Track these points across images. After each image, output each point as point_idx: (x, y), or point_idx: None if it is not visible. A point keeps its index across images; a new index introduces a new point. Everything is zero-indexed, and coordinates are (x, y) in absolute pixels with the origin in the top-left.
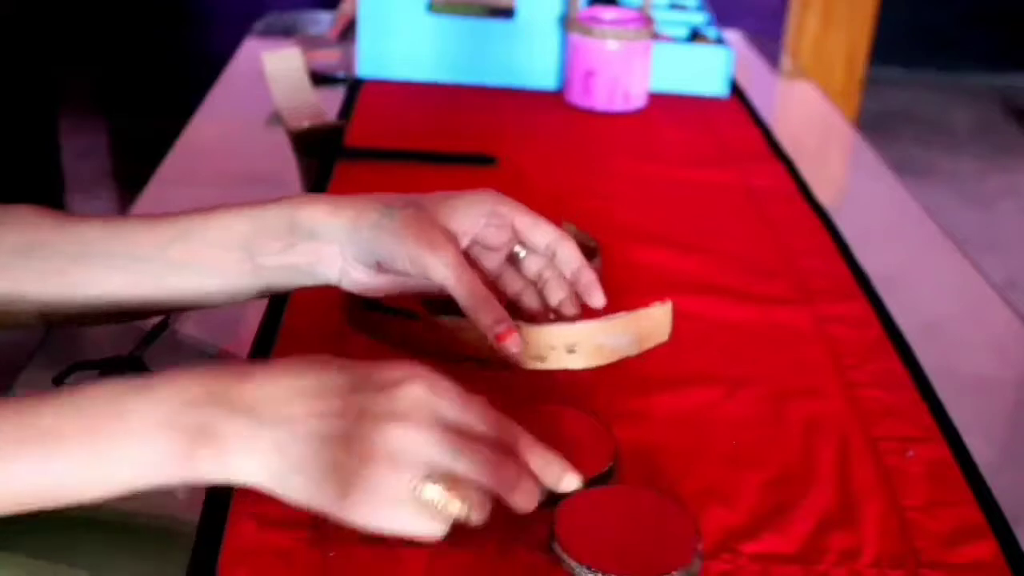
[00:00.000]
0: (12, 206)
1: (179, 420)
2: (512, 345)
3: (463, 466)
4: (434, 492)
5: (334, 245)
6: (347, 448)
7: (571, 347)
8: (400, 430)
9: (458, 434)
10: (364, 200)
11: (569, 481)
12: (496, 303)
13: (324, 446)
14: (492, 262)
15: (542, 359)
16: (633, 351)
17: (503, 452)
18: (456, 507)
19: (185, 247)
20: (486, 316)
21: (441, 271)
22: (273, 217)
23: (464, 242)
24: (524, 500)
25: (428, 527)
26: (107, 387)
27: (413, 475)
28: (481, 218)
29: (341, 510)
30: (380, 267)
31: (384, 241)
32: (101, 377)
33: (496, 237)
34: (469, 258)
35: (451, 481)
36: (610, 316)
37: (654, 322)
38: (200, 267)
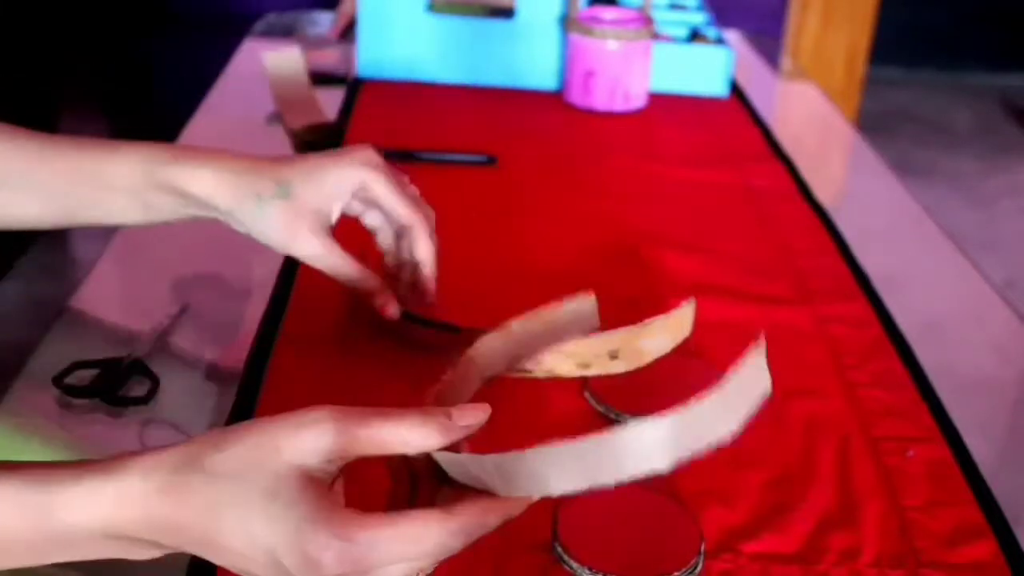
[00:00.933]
0: None
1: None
2: (393, 314)
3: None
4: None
5: (214, 215)
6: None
7: (614, 353)
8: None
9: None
10: (242, 176)
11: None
12: (368, 277)
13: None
14: (373, 220)
15: (587, 366)
16: (667, 350)
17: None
18: None
19: (91, 188)
20: (363, 291)
21: (310, 261)
22: (166, 176)
23: (334, 215)
24: None
25: None
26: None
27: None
28: (347, 192)
29: None
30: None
31: (259, 231)
32: (101, 376)
33: (364, 208)
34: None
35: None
36: (648, 320)
37: (683, 321)
38: (104, 208)
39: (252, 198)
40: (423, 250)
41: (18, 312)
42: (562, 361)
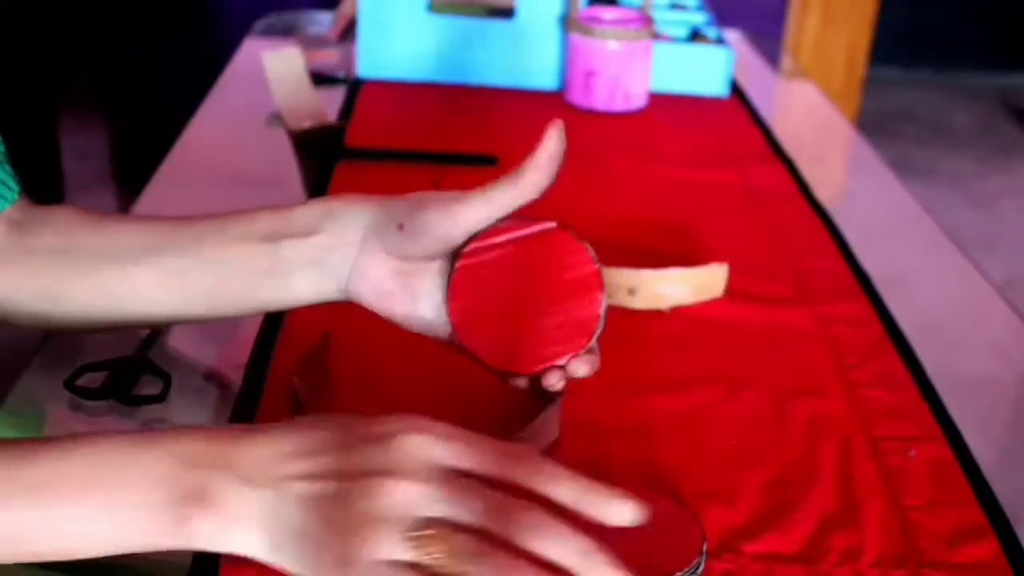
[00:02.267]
0: (52, 207)
1: (173, 482)
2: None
3: (468, 516)
4: (430, 548)
5: (357, 232)
6: (343, 507)
7: (632, 289)
8: (396, 485)
9: (461, 483)
10: (385, 207)
11: (621, 511)
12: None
13: (318, 508)
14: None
15: (608, 296)
16: (688, 301)
17: (517, 493)
18: (455, 565)
19: (216, 242)
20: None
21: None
22: (303, 210)
23: (437, 259)
24: (547, 547)
25: None
26: (105, 441)
27: (411, 529)
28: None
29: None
30: (402, 260)
31: (352, 289)
32: (112, 377)
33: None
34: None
35: (449, 535)
36: (668, 268)
37: (709, 278)
38: (228, 262)
39: (383, 225)
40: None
41: None
42: None
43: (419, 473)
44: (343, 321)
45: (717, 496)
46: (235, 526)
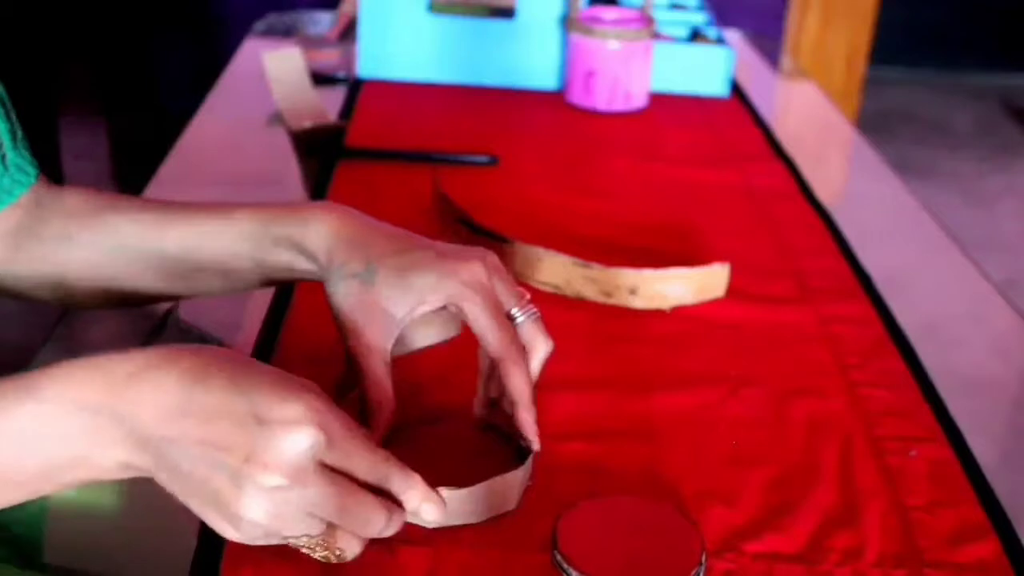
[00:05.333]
0: (63, 191)
1: (70, 423)
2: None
3: (339, 519)
4: (308, 546)
5: (316, 274)
6: (232, 486)
7: (632, 289)
8: (279, 488)
9: (338, 489)
10: (357, 249)
11: (427, 509)
12: (387, 415)
13: (207, 476)
14: (484, 357)
15: (608, 295)
16: (689, 300)
17: (378, 493)
18: (327, 556)
19: (208, 251)
20: (374, 425)
21: (357, 358)
22: (287, 230)
23: (401, 324)
24: (388, 532)
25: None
26: None
27: (289, 530)
28: (432, 298)
29: (222, 532)
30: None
31: (334, 305)
32: None
33: (444, 323)
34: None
35: (327, 535)
36: (669, 268)
37: (711, 278)
38: (216, 270)
39: (339, 266)
40: (516, 387)
41: (19, 312)
42: (587, 285)
43: (305, 478)
44: None
45: (718, 496)
46: (124, 468)
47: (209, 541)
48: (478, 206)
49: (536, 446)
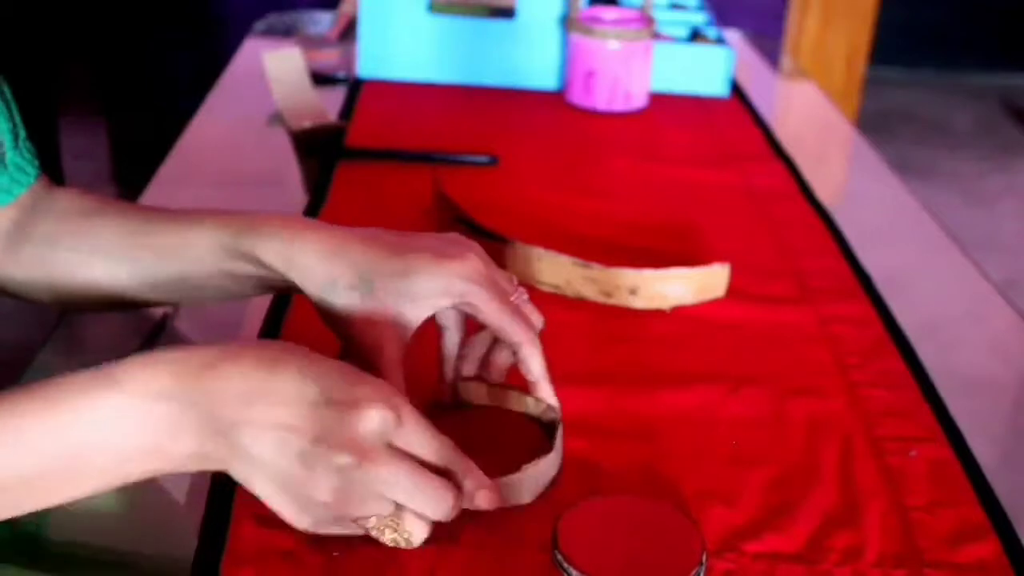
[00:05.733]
0: (57, 192)
1: (147, 413)
2: None
3: (409, 499)
4: (378, 527)
5: (291, 283)
6: (303, 467)
7: (632, 289)
8: (350, 467)
9: (407, 467)
10: (322, 255)
11: (483, 496)
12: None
13: (278, 460)
14: (452, 337)
15: (608, 296)
16: (689, 300)
17: (447, 479)
18: (395, 539)
19: (184, 262)
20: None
21: (380, 367)
22: (244, 242)
23: (412, 327)
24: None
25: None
26: (74, 379)
27: (358, 511)
28: (441, 301)
29: (289, 518)
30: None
31: (333, 320)
32: None
33: (456, 319)
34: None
35: (396, 517)
36: (670, 268)
37: (711, 278)
38: (195, 281)
39: (327, 283)
40: (537, 368)
41: (19, 312)
42: (587, 285)
43: (378, 456)
44: None
45: (718, 496)
46: (199, 459)
47: (210, 542)
48: (478, 206)
49: (557, 407)
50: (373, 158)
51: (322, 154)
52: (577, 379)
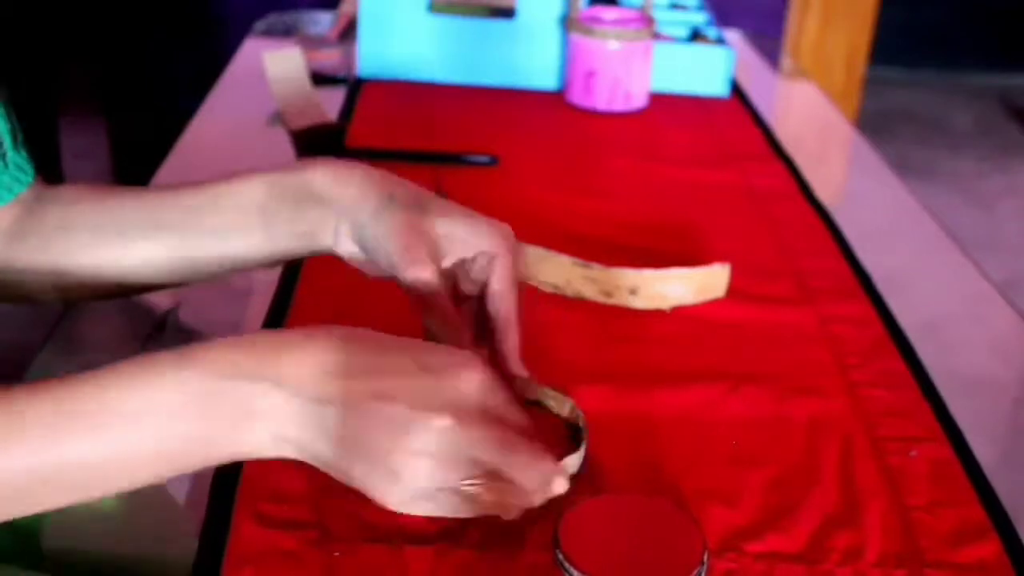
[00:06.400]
0: (60, 186)
1: (217, 394)
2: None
3: (504, 462)
4: (474, 491)
5: (331, 213)
6: (396, 434)
7: (633, 289)
8: (447, 430)
9: (503, 431)
10: (373, 180)
11: (558, 484)
12: (460, 330)
13: (369, 433)
14: (468, 285)
15: (608, 295)
16: (689, 301)
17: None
18: (495, 506)
19: (214, 213)
20: (449, 342)
21: (411, 286)
22: (287, 181)
23: (447, 262)
24: (538, 499)
25: (458, 513)
26: (137, 363)
27: (452, 477)
28: (471, 251)
29: (381, 495)
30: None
31: (373, 233)
32: None
33: (476, 274)
34: (448, 274)
35: (491, 480)
36: (670, 268)
37: (711, 278)
38: (226, 232)
39: (379, 197)
40: (511, 346)
41: (19, 312)
42: (587, 285)
43: (474, 418)
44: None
45: (718, 496)
46: (280, 435)
47: (211, 543)
48: (478, 206)
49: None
50: (373, 158)
51: (322, 154)
52: (577, 379)
